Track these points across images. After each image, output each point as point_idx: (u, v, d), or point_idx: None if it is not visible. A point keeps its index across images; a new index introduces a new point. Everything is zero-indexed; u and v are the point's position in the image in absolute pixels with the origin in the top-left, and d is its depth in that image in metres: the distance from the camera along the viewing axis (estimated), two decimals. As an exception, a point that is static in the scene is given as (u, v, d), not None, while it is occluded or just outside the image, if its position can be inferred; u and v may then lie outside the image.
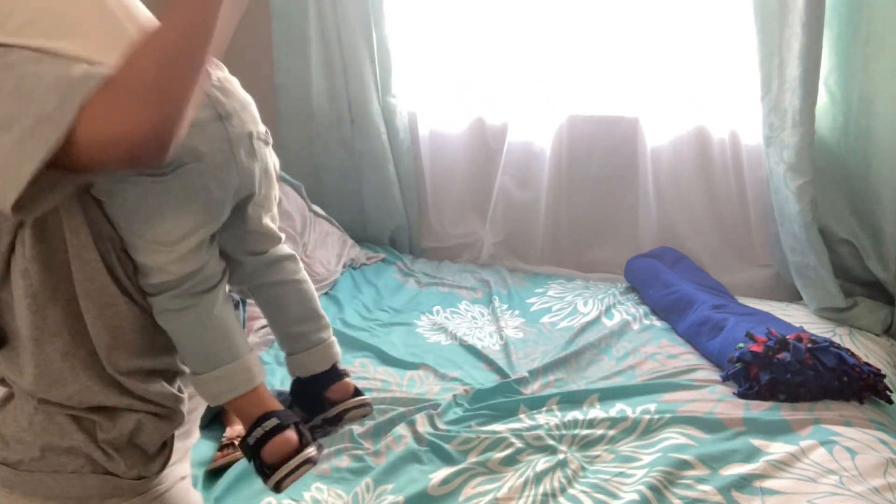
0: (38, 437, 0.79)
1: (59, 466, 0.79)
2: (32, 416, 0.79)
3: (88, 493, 0.80)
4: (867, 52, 2.05)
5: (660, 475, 1.43)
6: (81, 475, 0.79)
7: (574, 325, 2.19)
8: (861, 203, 2.18)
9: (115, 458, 0.81)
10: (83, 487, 0.80)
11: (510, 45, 2.60)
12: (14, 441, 0.79)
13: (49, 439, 0.79)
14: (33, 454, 0.79)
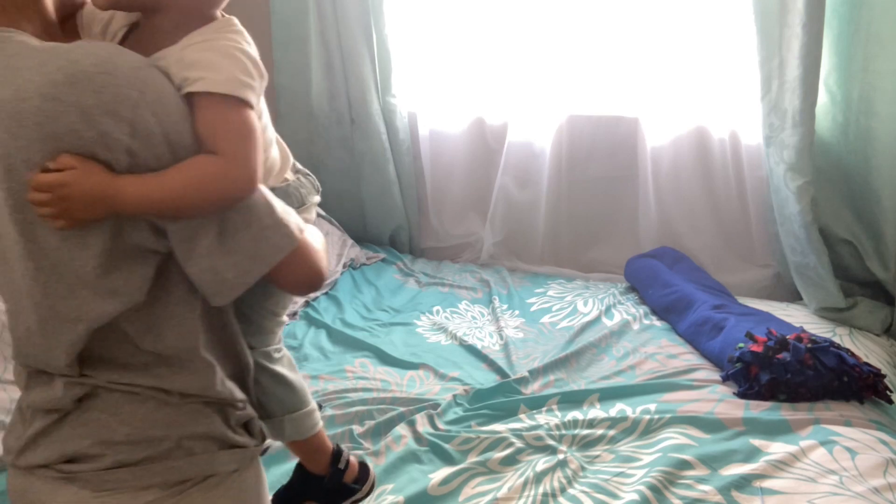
0: (172, 429, 0.89)
1: (191, 450, 0.90)
2: (161, 413, 0.89)
3: (218, 468, 0.92)
4: (867, 52, 2.05)
5: (660, 475, 1.43)
6: (212, 453, 0.92)
7: (574, 324, 2.19)
8: (861, 203, 2.18)
9: (244, 433, 0.96)
10: (217, 464, 0.92)
11: (510, 45, 2.60)
12: (137, 442, 0.88)
13: (186, 429, 0.90)
14: (165, 446, 0.89)
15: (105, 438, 0.88)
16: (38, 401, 0.90)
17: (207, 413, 0.92)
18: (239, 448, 0.95)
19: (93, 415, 0.88)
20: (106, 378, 0.88)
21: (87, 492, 0.88)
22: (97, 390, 0.88)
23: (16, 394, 1.61)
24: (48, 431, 0.90)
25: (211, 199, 0.82)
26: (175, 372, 0.89)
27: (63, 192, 0.77)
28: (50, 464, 0.90)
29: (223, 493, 0.93)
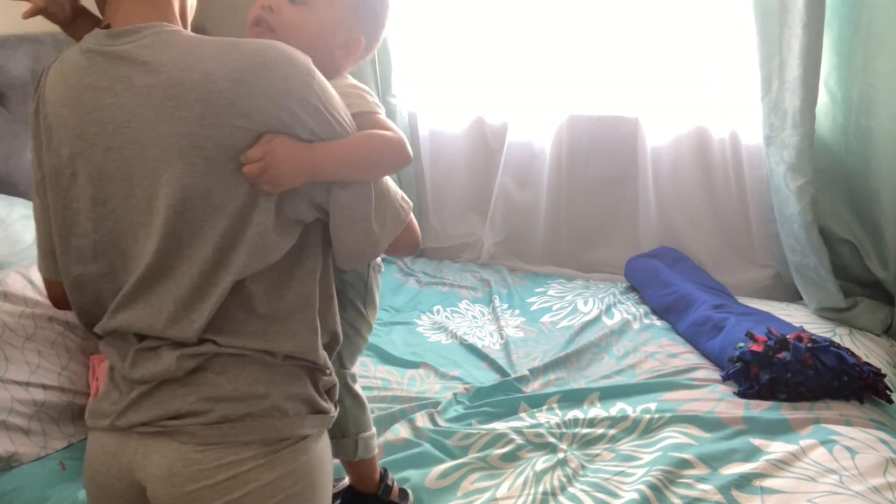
0: (273, 387, 0.98)
1: (286, 411, 0.98)
2: (263, 372, 0.98)
3: (307, 430, 1.01)
4: (867, 52, 2.05)
5: (660, 474, 1.43)
6: (302, 416, 1.00)
7: (574, 324, 2.19)
8: (861, 203, 2.18)
9: (327, 399, 1.05)
10: (304, 426, 1.00)
11: (510, 45, 2.60)
12: (241, 398, 0.96)
13: (284, 388, 0.99)
14: (265, 404, 0.97)
15: (212, 395, 0.96)
16: (147, 375, 0.97)
17: (301, 376, 1.01)
18: (322, 413, 1.03)
19: (201, 376, 0.97)
20: (224, 342, 0.96)
21: (191, 446, 0.95)
22: (209, 357, 0.97)
23: (17, 393, 1.62)
24: (151, 393, 0.97)
25: (386, 161, 1.05)
26: (282, 335, 0.99)
27: (271, 160, 0.91)
28: (153, 421, 0.96)
29: (307, 455, 1.01)
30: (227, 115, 0.90)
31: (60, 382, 1.70)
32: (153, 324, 0.97)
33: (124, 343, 1.00)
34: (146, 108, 0.91)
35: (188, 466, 0.94)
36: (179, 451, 0.95)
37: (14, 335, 1.74)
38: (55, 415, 1.64)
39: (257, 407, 0.97)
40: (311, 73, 0.94)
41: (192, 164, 0.91)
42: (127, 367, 0.99)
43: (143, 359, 0.98)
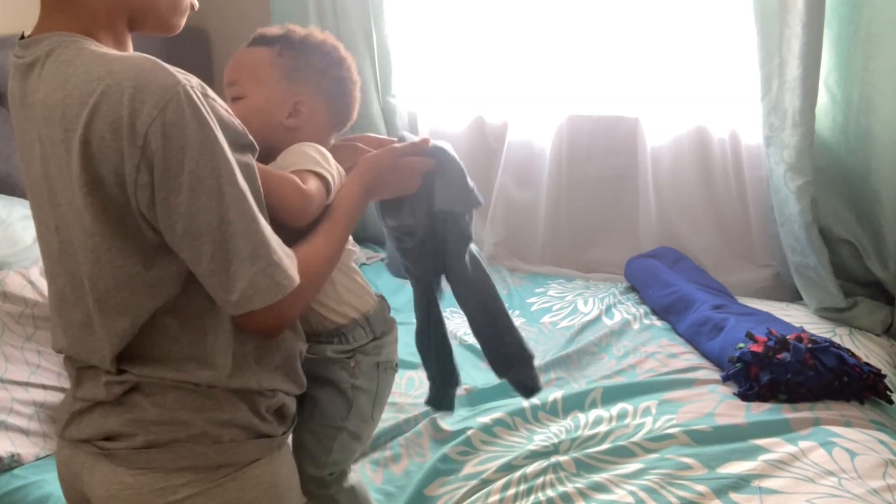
0: (199, 413, 0.93)
1: (218, 438, 0.93)
2: (189, 398, 0.93)
3: (246, 457, 0.95)
4: (867, 52, 2.05)
5: (660, 474, 1.43)
6: (240, 442, 0.95)
7: (574, 324, 2.19)
8: (861, 203, 2.18)
9: (272, 421, 0.99)
10: (242, 453, 0.95)
11: (510, 45, 2.60)
12: (167, 423, 0.92)
13: (212, 414, 0.93)
14: (192, 431, 0.93)
15: (139, 418, 0.93)
16: (86, 396, 0.96)
17: (234, 401, 0.95)
18: (267, 437, 0.98)
19: (132, 397, 0.94)
20: (141, 373, 0.93)
21: (124, 469, 0.93)
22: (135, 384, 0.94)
23: (17, 393, 1.62)
24: (90, 410, 0.96)
25: (288, 207, 0.99)
26: (200, 365, 0.93)
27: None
28: (91, 439, 0.95)
29: (255, 482, 0.96)
30: (75, 141, 0.82)
31: (60, 382, 1.70)
32: (72, 347, 0.95)
33: (70, 360, 0.99)
34: (33, 125, 0.88)
35: (122, 490, 0.92)
36: (115, 473, 0.93)
37: (14, 335, 1.74)
38: (55, 415, 1.65)
39: (184, 432, 0.92)
40: (164, 102, 0.81)
41: (61, 189, 0.87)
42: (73, 384, 0.99)
43: (85, 378, 0.97)
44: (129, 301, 0.89)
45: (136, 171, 0.82)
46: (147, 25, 0.98)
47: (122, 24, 0.94)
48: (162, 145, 0.81)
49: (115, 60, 0.84)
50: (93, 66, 0.83)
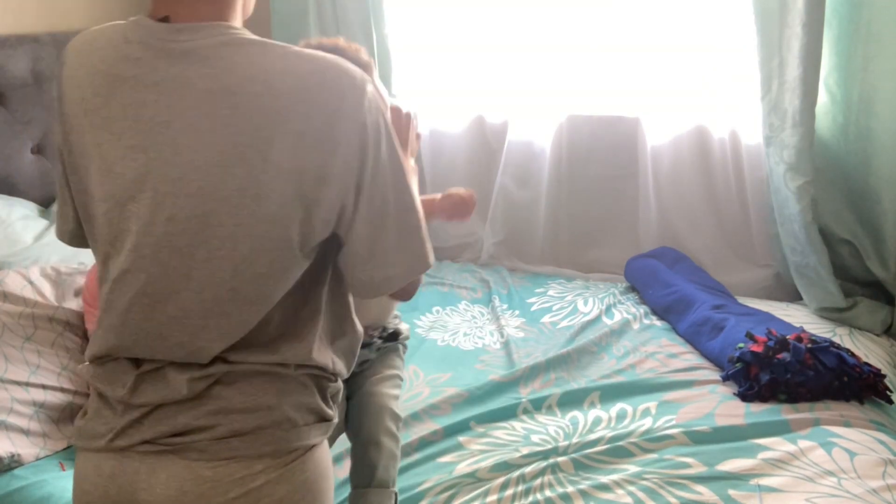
0: (283, 397, 0.94)
1: (296, 421, 0.95)
2: (273, 382, 0.94)
3: (313, 439, 0.98)
4: (867, 52, 2.05)
5: (659, 475, 1.43)
6: (311, 425, 0.97)
7: (574, 324, 2.19)
8: (861, 203, 2.18)
9: (332, 405, 1.02)
10: (312, 436, 0.97)
11: (510, 45, 2.60)
12: (252, 410, 0.92)
13: (294, 398, 0.95)
14: (275, 416, 0.93)
15: (220, 408, 0.91)
16: (151, 399, 0.92)
17: (309, 384, 0.98)
18: (327, 422, 1.00)
19: (210, 390, 0.92)
20: (237, 360, 0.92)
21: (201, 463, 0.90)
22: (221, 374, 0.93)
23: (17, 393, 1.62)
24: (153, 411, 0.92)
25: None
26: (294, 347, 0.95)
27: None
28: (157, 438, 0.91)
29: (314, 464, 0.98)
30: (282, 131, 0.86)
31: (60, 382, 1.70)
32: (144, 347, 0.92)
33: (119, 367, 0.95)
34: (198, 111, 0.86)
35: (199, 485, 0.90)
36: (188, 468, 0.90)
37: (14, 335, 1.74)
38: (55, 415, 1.64)
39: (268, 419, 0.93)
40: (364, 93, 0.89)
41: (233, 175, 0.86)
42: (126, 393, 0.93)
43: (146, 382, 0.93)
44: (269, 289, 0.90)
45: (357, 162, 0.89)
46: (245, 15, 0.99)
47: (244, 21, 0.98)
48: (373, 139, 0.90)
49: (307, 57, 0.89)
50: (290, 58, 0.88)
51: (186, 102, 0.87)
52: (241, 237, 0.87)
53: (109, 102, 0.90)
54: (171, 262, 0.89)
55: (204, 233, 0.88)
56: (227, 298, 0.89)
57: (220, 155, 0.86)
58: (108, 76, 0.90)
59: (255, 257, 0.88)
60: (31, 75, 2.33)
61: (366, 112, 0.89)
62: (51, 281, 1.91)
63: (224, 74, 0.86)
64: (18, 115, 2.32)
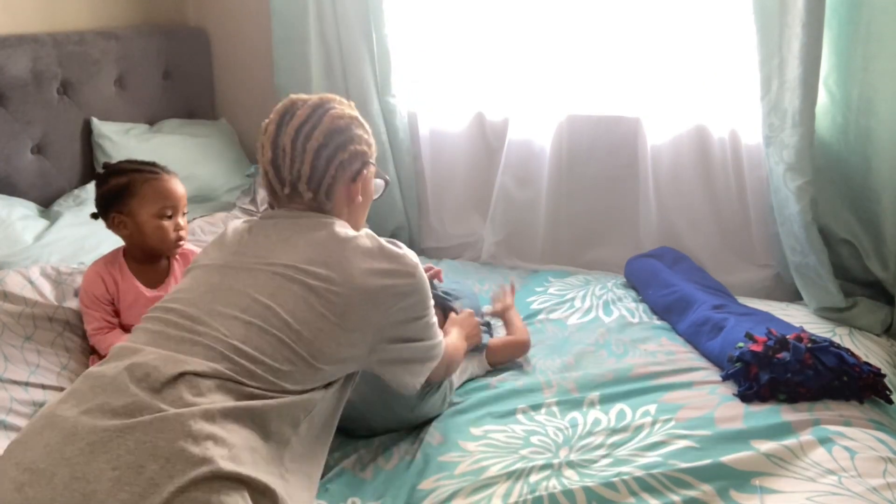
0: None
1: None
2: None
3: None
4: (867, 52, 2.05)
5: (659, 475, 1.43)
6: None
7: (574, 323, 2.19)
8: (861, 203, 2.18)
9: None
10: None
11: (510, 45, 2.60)
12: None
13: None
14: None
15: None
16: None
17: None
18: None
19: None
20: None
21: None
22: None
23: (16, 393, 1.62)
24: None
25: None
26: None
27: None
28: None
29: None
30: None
31: (60, 382, 1.70)
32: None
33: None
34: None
35: None
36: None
37: (14, 335, 1.74)
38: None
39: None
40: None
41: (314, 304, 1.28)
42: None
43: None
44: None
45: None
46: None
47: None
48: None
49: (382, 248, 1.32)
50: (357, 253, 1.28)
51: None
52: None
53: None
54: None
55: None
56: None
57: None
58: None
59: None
60: (31, 75, 2.33)
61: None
62: (51, 281, 1.91)
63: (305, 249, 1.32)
64: (18, 115, 2.32)
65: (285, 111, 1.36)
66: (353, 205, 1.39)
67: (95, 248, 2.10)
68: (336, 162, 1.33)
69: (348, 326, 1.21)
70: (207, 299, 1.20)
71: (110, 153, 2.48)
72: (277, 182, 1.34)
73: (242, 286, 1.21)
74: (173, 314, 1.19)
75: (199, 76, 3.02)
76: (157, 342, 1.15)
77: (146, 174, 1.79)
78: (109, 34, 2.60)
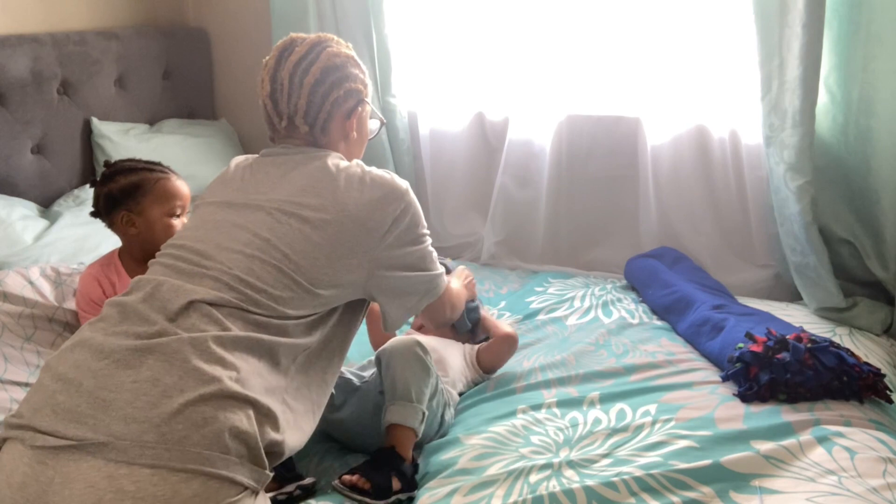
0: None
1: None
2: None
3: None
4: (867, 52, 2.05)
5: (659, 475, 1.43)
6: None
7: (574, 323, 2.19)
8: (861, 203, 2.18)
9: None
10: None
11: (510, 45, 2.60)
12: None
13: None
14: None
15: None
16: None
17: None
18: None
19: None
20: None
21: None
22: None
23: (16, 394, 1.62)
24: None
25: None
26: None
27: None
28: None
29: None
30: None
31: (60, 383, 1.70)
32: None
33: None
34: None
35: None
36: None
37: (14, 335, 1.75)
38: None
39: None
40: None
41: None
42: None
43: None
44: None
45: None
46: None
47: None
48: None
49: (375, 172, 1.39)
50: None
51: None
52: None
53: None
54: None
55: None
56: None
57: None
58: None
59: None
60: (31, 75, 2.33)
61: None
62: (51, 281, 1.91)
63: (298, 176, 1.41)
64: (18, 115, 2.32)
65: (284, 48, 1.43)
66: (349, 141, 1.47)
67: (95, 248, 2.10)
68: (332, 98, 1.41)
69: (343, 252, 1.29)
70: (213, 236, 1.30)
71: (110, 153, 2.48)
72: (275, 115, 1.41)
73: (244, 222, 1.30)
74: (183, 250, 1.30)
75: (199, 76, 3.02)
76: (170, 275, 1.26)
77: (157, 173, 1.80)
78: (109, 34, 2.60)
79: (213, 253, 1.27)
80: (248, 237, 1.27)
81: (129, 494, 1.00)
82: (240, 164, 1.45)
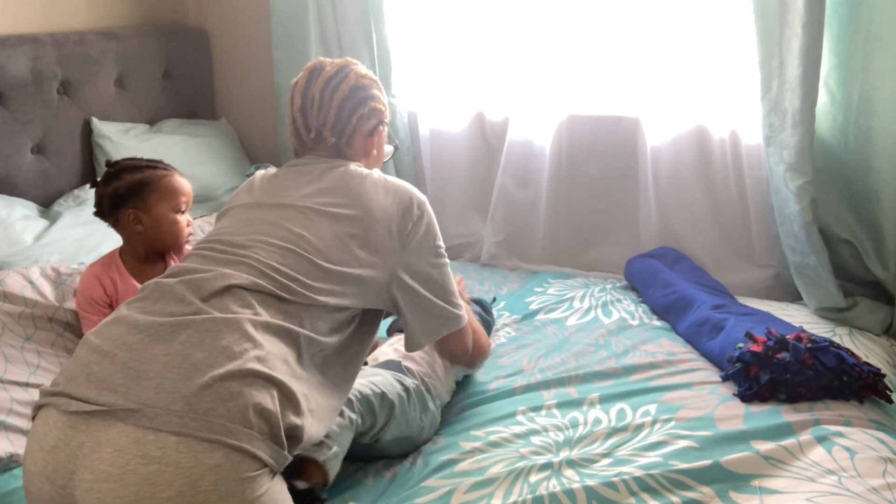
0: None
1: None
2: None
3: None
4: (867, 52, 2.05)
5: (659, 475, 1.43)
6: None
7: (573, 324, 2.19)
8: (861, 203, 2.18)
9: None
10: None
11: (510, 45, 2.60)
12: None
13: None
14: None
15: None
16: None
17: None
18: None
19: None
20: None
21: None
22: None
23: (16, 394, 1.62)
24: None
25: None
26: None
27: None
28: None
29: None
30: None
31: (60, 383, 1.70)
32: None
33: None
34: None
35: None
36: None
37: (14, 335, 1.75)
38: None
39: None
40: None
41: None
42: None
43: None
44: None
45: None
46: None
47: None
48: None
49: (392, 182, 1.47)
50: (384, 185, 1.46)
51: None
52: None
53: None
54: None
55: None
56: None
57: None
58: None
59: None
60: (31, 75, 2.33)
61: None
62: (51, 281, 1.91)
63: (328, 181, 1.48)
64: (18, 115, 2.32)
65: (314, 68, 1.54)
66: (369, 158, 1.57)
67: (95, 248, 2.10)
68: (358, 113, 1.51)
69: (369, 248, 1.37)
70: (247, 230, 1.37)
71: (110, 153, 2.48)
72: (304, 128, 1.50)
73: (276, 219, 1.37)
74: (218, 244, 1.36)
75: (199, 76, 3.02)
76: (207, 263, 1.32)
77: (161, 170, 1.81)
78: (109, 34, 2.60)
79: (249, 244, 1.33)
80: (282, 232, 1.34)
81: (155, 460, 1.04)
82: (265, 174, 1.53)
